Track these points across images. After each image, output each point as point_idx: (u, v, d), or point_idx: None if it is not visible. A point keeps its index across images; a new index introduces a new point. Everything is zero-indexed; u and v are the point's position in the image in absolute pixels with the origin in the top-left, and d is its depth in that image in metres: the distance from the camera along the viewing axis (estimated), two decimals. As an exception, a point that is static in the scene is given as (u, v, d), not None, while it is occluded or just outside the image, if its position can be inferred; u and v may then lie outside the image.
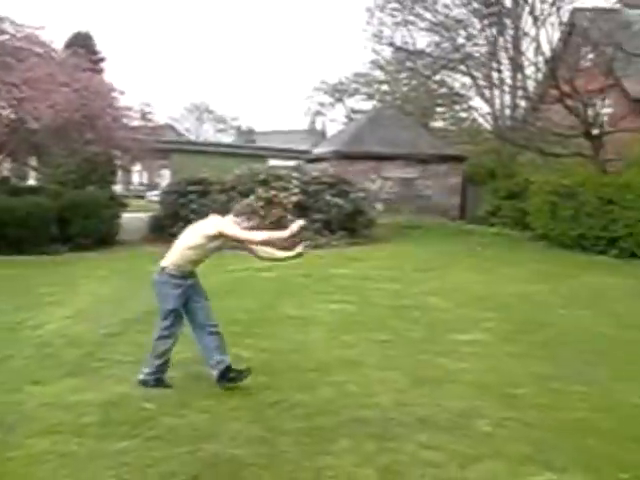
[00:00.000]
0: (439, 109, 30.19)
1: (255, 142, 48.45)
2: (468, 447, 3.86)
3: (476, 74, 22.26)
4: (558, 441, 3.97)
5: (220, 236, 4.76)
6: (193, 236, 4.88)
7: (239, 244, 4.91)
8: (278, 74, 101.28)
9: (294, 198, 15.90)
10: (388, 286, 9.74)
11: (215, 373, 4.82)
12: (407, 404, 4.54)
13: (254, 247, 4.91)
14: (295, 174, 16.83)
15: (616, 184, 14.23)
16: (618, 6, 18.62)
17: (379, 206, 20.95)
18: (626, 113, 17.64)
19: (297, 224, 4.73)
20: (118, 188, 28.88)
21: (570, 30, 19.12)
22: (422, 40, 24.65)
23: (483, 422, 4.25)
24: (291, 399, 4.63)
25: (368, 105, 34.69)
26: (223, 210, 17.41)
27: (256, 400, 4.62)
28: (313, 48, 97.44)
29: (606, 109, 18.06)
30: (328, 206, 16.18)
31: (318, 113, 44.27)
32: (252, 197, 15.97)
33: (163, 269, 4.86)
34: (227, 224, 4.78)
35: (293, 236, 4.71)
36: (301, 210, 16.04)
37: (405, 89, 29.36)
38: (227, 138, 59.29)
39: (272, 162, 22.23)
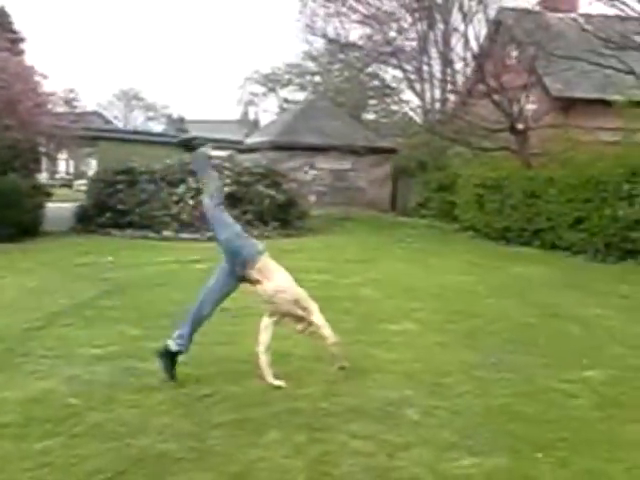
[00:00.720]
0: (371, 101, 30.52)
1: (186, 131, 47.58)
2: (397, 436, 3.93)
3: (407, 67, 22.62)
4: (482, 427, 4.10)
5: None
6: (290, 288, 4.91)
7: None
8: (210, 62, 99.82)
9: (226, 189, 15.72)
10: (320, 277, 9.77)
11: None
12: (338, 394, 4.58)
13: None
14: (227, 164, 16.67)
15: (540, 178, 14.79)
16: (539, 8, 19.32)
17: (312, 197, 21.01)
18: (548, 109, 18.35)
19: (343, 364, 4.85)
20: (44, 177, 27.80)
21: (497, 28, 19.69)
22: (354, 32, 24.80)
23: (412, 411, 4.33)
24: (222, 391, 4.58)
25: (301, 96, 34.72)
26: (152, 200, 16.85)
27: (186, 394, 4.55)
28: (246, 37, 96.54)
29: (530, 105, 18.70)
30: (261, 197, 16.12)
31: (251, 103, 43.98)
32: (182, 187, 15.75)
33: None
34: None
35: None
36: (233, 201, 15.90)
37: (338, 81, 29.52)
38: (157, 126, 58.02)
39: (204, 152, 21.83)
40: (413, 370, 5.21)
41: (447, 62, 21.38)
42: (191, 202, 15.48)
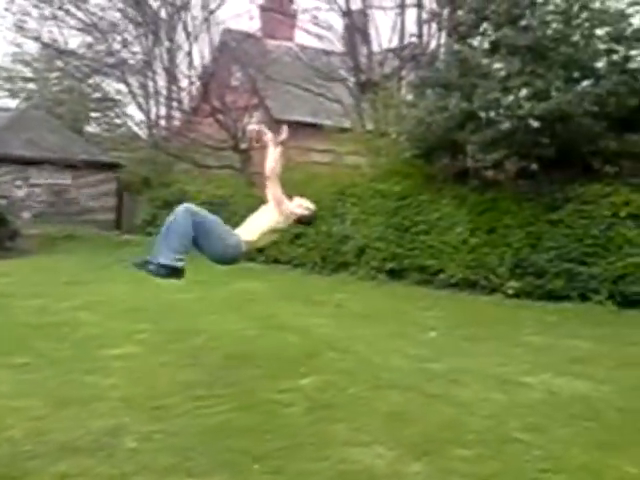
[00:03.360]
0: (94, 114, 29.03)
1: None
2: (113, 467, 3.72)
3: (132, 81, 22.03)
4: (202, 446, 4.08)
5: None
6: None
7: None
8: None
9: None
10: (34, 302, 8.97)
11: None
12: (46, 432, 4.18)
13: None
14: None
15: (261, 195, 15.49)
16: (260, 34, 20.41)
17: (26, 215, 19.23)
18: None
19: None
20: None
21: (221, 48, 20.27)
22: (74, 39, 23.38)
23: (129, 438, 4.14)
24: None
25: (12, 103, 31.53)
26: None
27: None
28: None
29: (252, 126, 19.52)
30: (-39, 215, 14.26)
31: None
32: None
33: None
34: None
35: None
36: None
37: (56, 90, 27.51)
38: None
39: None
40: (132, 395, 5.01)
41: (172, 79, 21.35)
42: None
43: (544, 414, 4.80)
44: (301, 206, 4.76)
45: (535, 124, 10.07)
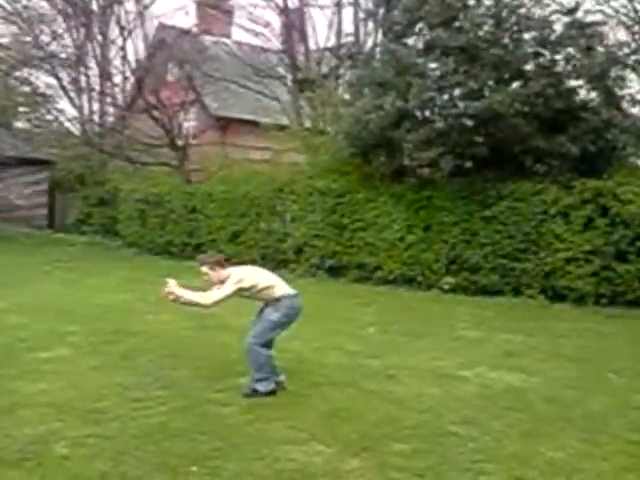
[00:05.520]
0: (22, 108, 27.90)
1: None
2: (41, 477, 3.57)
3: (62, 76, 21.29)
4: (138, 449, 3.98)
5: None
6: None
7: None
8: None
9: None
10: (-45, 306, 8.57)
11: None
12: (-36, 446, 3.98)
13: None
14: None
15: (199, 194, 15.30)
16: (196, 30, 20.09)
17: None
18: (207, 127, 19.16)
19: None
20: None
21: (157, 44, 19.84)
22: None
23: (60, 445, 3.99)
24: None
25: None
26: None
27: None
28: None
29: (189, 122, 19.28)
30: None
31: None
32: None
33: None
34: None
35: None
36: None
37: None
38: None
39: None
40: (64, 399, 4.84)
41: (106, 74, 20.77)
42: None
43: (478, 407, 4.92)
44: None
45: (469, 123, 10.30)
